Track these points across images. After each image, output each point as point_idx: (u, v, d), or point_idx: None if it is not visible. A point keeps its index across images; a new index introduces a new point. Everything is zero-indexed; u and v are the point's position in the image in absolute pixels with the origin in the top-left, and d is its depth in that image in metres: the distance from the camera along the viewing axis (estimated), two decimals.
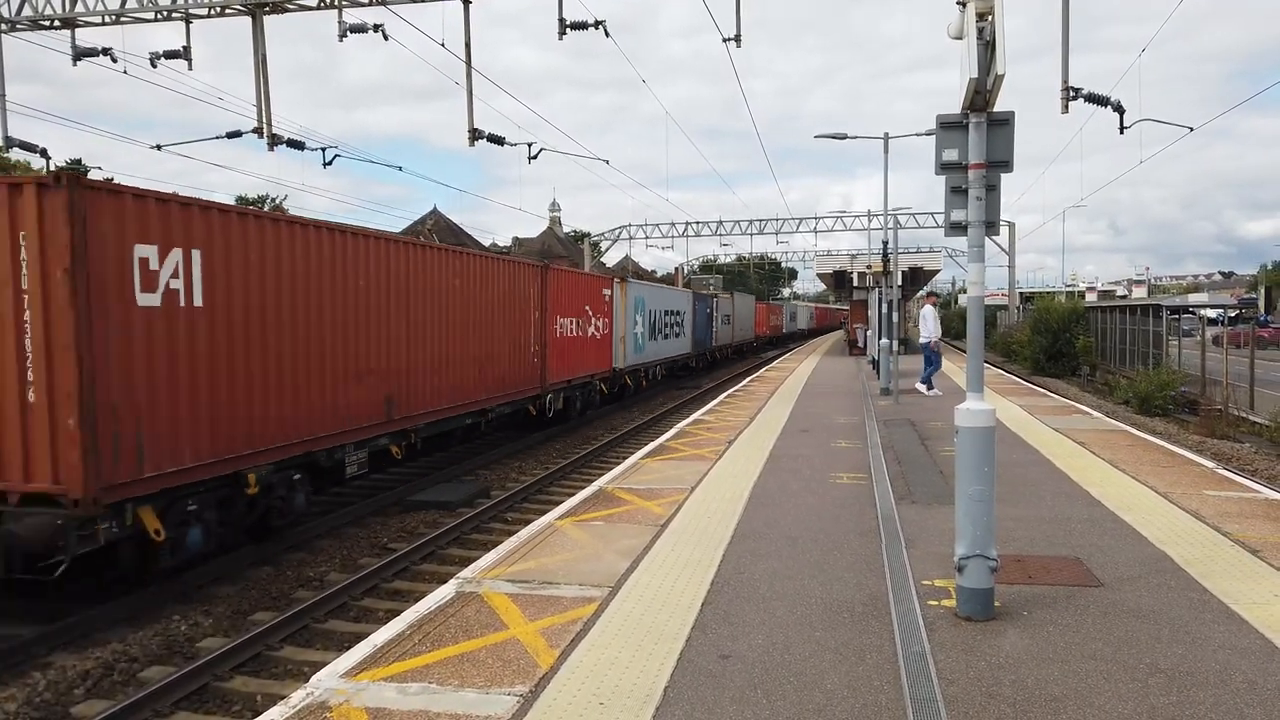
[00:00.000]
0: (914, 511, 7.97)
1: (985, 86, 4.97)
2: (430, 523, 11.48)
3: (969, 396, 5.38)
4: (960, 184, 5.36)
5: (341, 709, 4.17)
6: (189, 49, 15.64)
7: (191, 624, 7.91)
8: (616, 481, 9.60)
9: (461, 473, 14.77)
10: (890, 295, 19.85)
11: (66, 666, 6.95)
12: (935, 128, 5.46)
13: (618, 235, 61.62)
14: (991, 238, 5.63)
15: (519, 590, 5.90)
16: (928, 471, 9.92)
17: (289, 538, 10.26)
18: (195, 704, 6.41)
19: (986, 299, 7.84)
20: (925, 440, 12.22)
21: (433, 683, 4.45)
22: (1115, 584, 5.87)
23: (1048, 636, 4.97)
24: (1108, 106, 16.10)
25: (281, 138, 16.01)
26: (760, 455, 11.09)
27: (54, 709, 6.33)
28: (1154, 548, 6.69)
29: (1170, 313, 26.06)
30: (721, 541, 7.01)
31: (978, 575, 5.22)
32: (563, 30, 14.72)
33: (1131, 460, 10.37)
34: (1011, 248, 52.56)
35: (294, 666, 7.06)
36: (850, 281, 33.84)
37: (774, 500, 8.49)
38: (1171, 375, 22.91)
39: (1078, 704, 4.13)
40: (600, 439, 18.67)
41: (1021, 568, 6.21)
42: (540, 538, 7.26)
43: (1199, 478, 9.34)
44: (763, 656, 4.73)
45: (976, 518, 5.20)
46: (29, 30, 16.34)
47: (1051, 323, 35.38)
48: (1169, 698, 4.18)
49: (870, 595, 5.70)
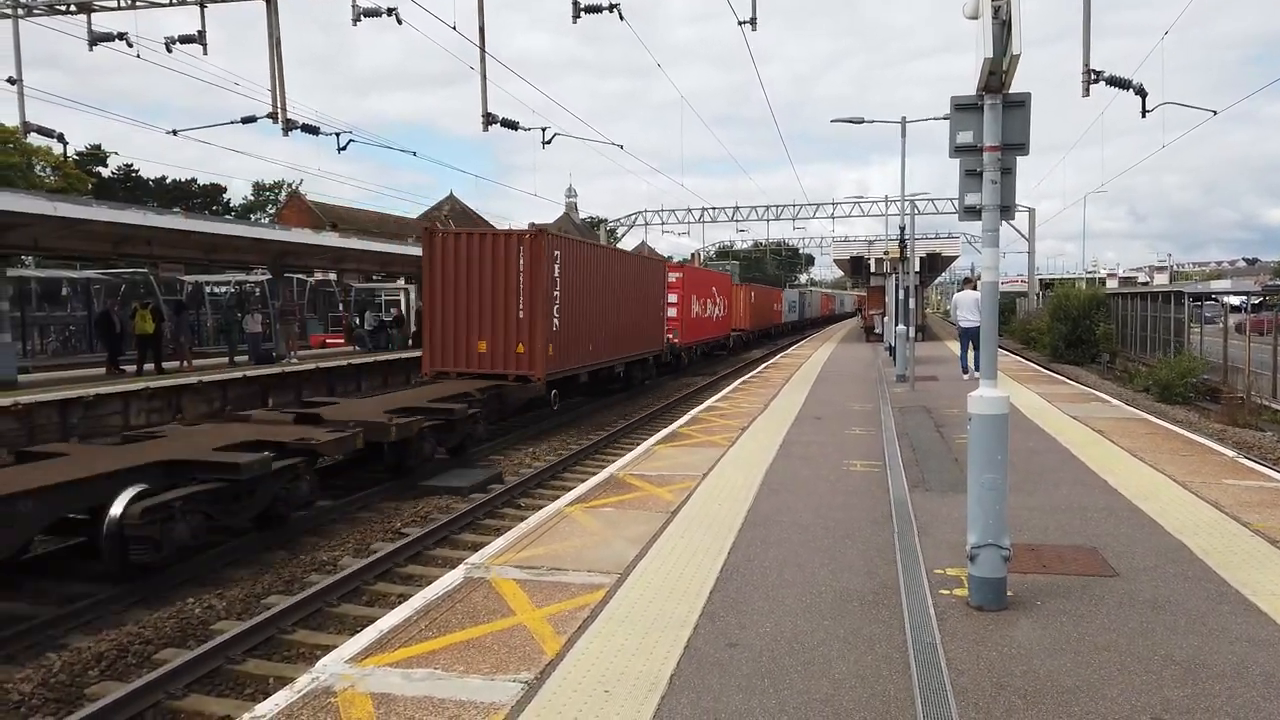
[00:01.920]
0: (928, 499, 7.90)
1: (1001, 67, 4.86)
2: (443, 508, 11.51)
3: (982, 384, 5.30)
4: (975, 167, 5.26)
5: (346, 694, 4.17)
6: (204, 33, 15.67)
7: (205, 606, 7.96)
8: (628, 468, 9.58)
9: (477, 458, 14.81)
10: (907, 281, 19.69)
11: (81, 648, 7.01)
12: (950, 109, 5.36)
13: (634, 221, 61.53)
14: (1009, 223, 5.53)
15: (527, 576, 5.89)
16: (942, 459, 9.83)
17: (299, 526, 10.33)
18: (208, 686, 6.45)
19: (1005, 286, 7.75)
20: (941, 428, 12.12)
21: (438, 669, 4.44)
22: (1131, 574, 5.78)
23: (1061, 627, 4.91)
24: (1129, 90, 15.87)
25: (296, 123, 16.05)
26: (773, 442, 11.03)
27: (69, 690, 6.38)
28: (1172, 537, 6.59)
29: (1192, 299, 25.73)
30: (732, 529, 6.97)
31: (990, 564, 5.15)
32: (577, 13, 14.62)
33: (1150, 448, 10.24)
34: (1031, 234, 52.02)
35: (306, 650, 7.08)
36: (867, 267, 33.59)
37: (786, 487, 8.44)
38: (1193, 362, 22.63)
39: (1090, 695, 4.07)
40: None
41: (1035, 557, 6.14)
42: (550, 524, 7.25)
43: (1219, 466, 9.21)
44: (771, 645, 4.69)
45: (989, 506, 5.13)
46: (46, 15, 16.41)
47: (1071, 309, 34.99)
48: (1183, 690, 4.11)
49: (881, 584, 5.64)
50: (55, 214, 15.69)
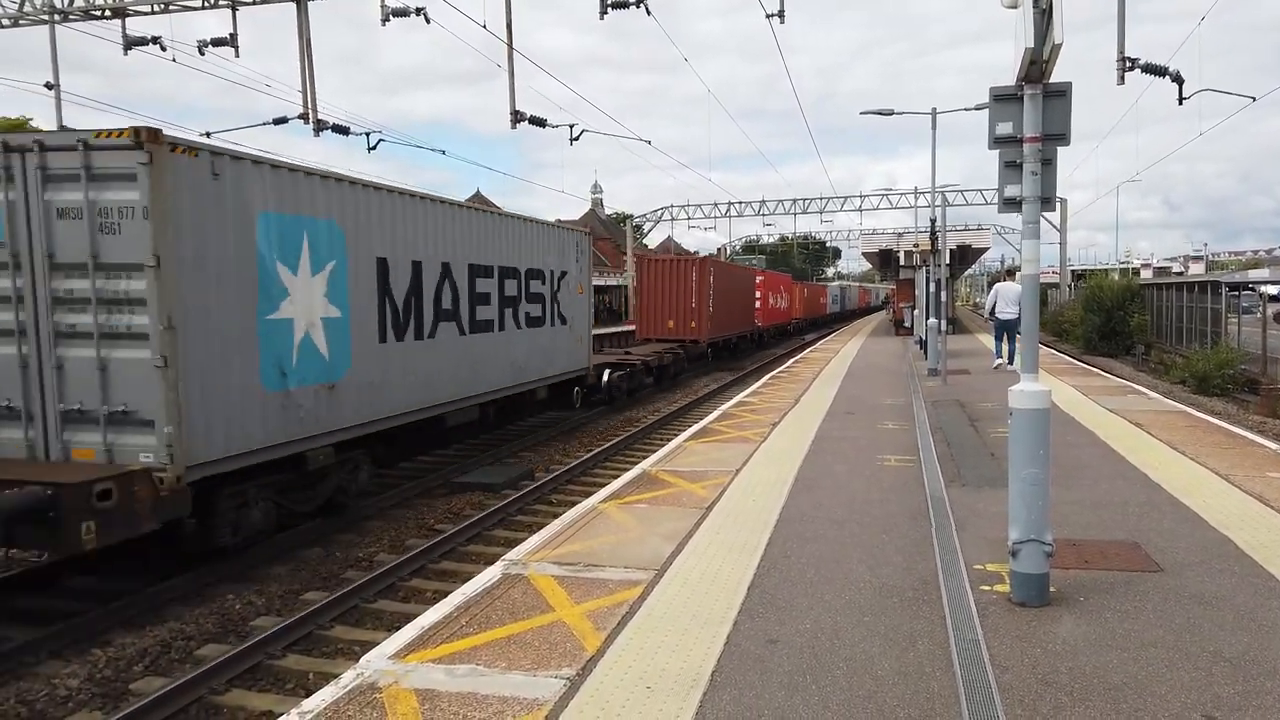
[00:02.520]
0: (964, 494, 7.83)
1: (1041, 56, 4.80)
2: (476, 504, 11.57)
3: (1023, 377, 5.24)
4: (1015, 158, 5.20)
5: (391, 690, 4.21)
6: (235, 36, 15.83)
7: (245, 603, 8.07)
8: (660, 464, 9.57)
9: (506, 454, 14.87)
10: (938, 274, 19.50)
11: (126, 644, 7.13)
12: (989, 100, 5.30)
13: (660, 216, 61.44)
14: (1044, 215, 5.46)
15: (564, 573, 5.91)
16: (978, 453, 9.73)
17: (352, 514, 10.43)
18: (249, 682, 6.53)
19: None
20: (975, 422, 12.00)
21: (480, 664, 4.47)
22: (1175, 569, 5.70)
23: (1106, 623, 4.84)
24: (1166, 77, 15.61)
25: (327, 123, 16.17)
26: (806, 437, 10.98)
27: (114, 685, 6.49)
28: (1216, 532, 6.48)
29: (1229, 289, 25.25)
30: (767, 525, 6.95)
31: (1032, 560, 5.10)
32: (604, 9, 14.61)
33: (1190, 441, 10.08)
34: (1063, 224, 51.35)
35: (344, 646, 7.16)
36: (896, 260, 33.28)
37: (820, 483, 8.40)
38: (1230, 353, 22.22)
39: (1138, 693, 4.01)
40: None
41: (1077, 552, 6.06)
42: (585, 520, 7.27)
43: (1262, 459, 9.04)
44: (811, 641, 4.67)
45: (1031, 501, 5.07)
46: (81, 20, 16.66)
47: (1105, 301, 34.47)
48: (1235, 687, 4.04)
49: (920, 580, 5.60)
50: None
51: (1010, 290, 18.41)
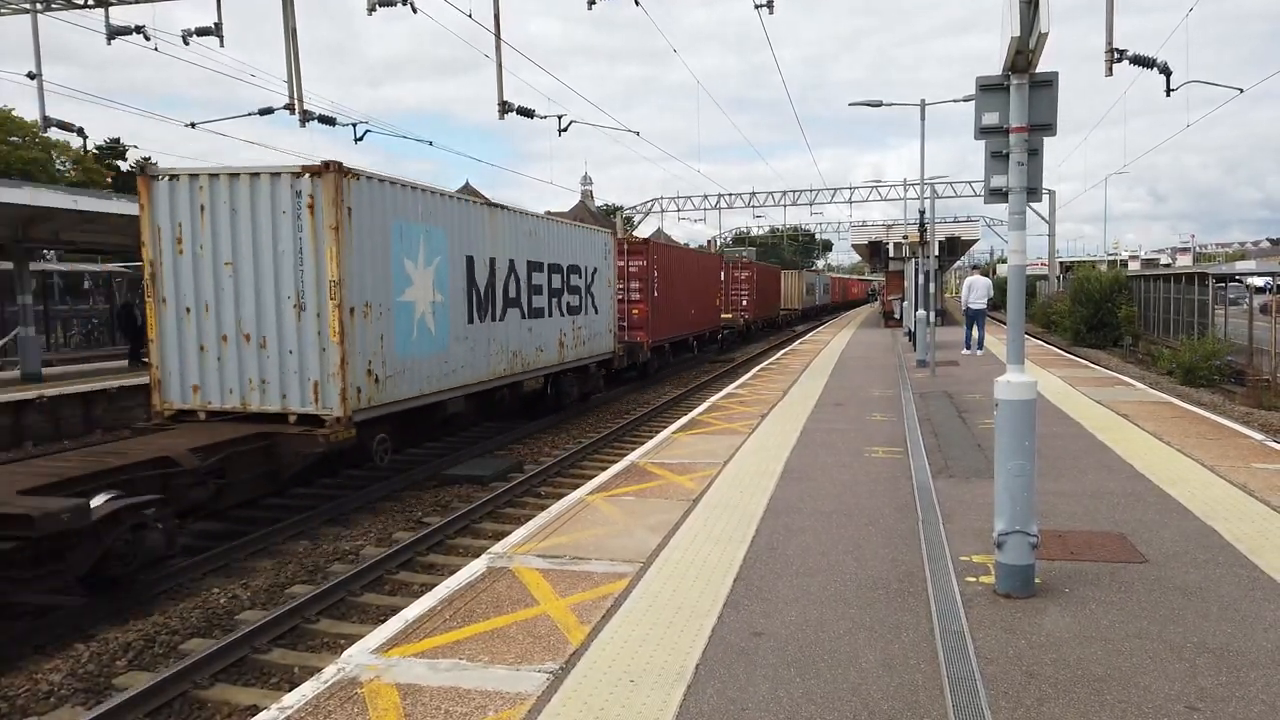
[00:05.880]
0: (951, 486, 7.83)
1: (1028, 46, 4.77)
2: (464, 497, 11.53)
3: (1009, 368, 5.23)
4: (1001, 148, 5.17)
5: (372, 685, 4.17)
6: (220, 25, 15.66)
7: (230, 596, 8.02)
8: (648, 456, 9.55)
9: (495, 447, 14.84)
10: (927, 265, 19.53)
11: (109, 638, 7.07)
12: (975, 90, 5.26)
13: (649, 208, 61.34)
14: (1031, 206, 5.44)
15: (550, 566, 5.88)
16: (965, 445, 9.75)
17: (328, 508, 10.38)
18: (234, 676, 6.48)
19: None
20: (963, 413, 12.02)
21: (463, 659, 4.44)
22: (1160, 560, 5.71)
23: (1090, 614, 4.85)
24: (1153, 69, 15.62)
25: (313, 114, 16.03)
26: (794, 429, 10.97)
27: (97, 680, 6.44)
28: (1201, 522, 6.50)
29: (1216, 280, 25.38)
30: (754, 517, 6.94)
31: (1017, 551, 5.09)
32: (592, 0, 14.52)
33: (1176, 432, 10.11)
34: (1052, 216, 51.51)
35: (330, 639, 7.12)
36: (886, 252, 33.35)
37: (808, 475, 8.39)
38: (1217, 345, 22.34)
39: (1122, 684, 4.01)
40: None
41: (1062, 543, 6.07)
42: (572, 513, 7.24)
43: (1247, 450, 9.08)
44: (796, 634, 4.66)
45: (1016, 493, 5.07)
46: (64, 10, 16.47)
47: (1093, 292, 34.63)
48: (1218, 678, 4.05)
49: (906, 571, 5.60)
50: (75, 207, 15.79)
51: (979, 284, 19.80)
